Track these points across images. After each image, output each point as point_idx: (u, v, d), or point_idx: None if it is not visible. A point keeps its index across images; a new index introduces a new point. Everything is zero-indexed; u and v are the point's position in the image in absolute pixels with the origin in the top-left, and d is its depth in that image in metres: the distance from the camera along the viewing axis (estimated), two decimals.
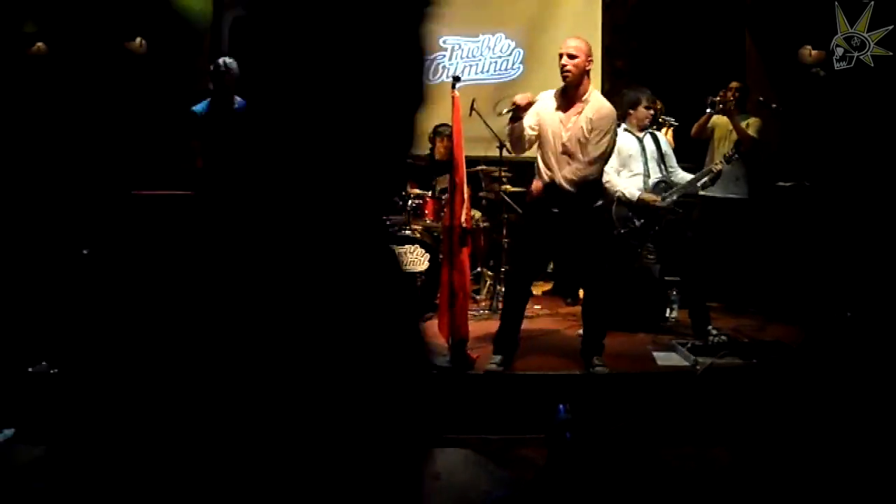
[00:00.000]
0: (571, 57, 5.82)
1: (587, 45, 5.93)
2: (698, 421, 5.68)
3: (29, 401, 5.58)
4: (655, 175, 7.10)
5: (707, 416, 5.70)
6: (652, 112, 7.23)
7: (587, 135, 5.83)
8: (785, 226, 8.31)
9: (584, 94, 5.93)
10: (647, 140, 7.16)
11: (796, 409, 5.68)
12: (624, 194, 6.98)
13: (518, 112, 5.85)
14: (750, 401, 5.75)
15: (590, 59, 5.90)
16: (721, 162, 7.13)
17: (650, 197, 6.93)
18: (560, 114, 5.94)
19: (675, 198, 7.02)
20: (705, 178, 7.13)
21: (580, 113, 5.88)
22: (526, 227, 6.34)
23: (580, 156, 5.85)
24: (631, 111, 7.14)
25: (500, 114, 5.97)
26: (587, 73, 5.90)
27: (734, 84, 8.22)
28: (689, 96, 7.80)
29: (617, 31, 10.37)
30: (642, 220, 6.99)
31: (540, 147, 6.02)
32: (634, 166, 7.10)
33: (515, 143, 6.08)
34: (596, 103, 5.93)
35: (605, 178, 7.00)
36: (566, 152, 5.87)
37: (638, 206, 6.96)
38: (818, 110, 8.11)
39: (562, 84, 5.94)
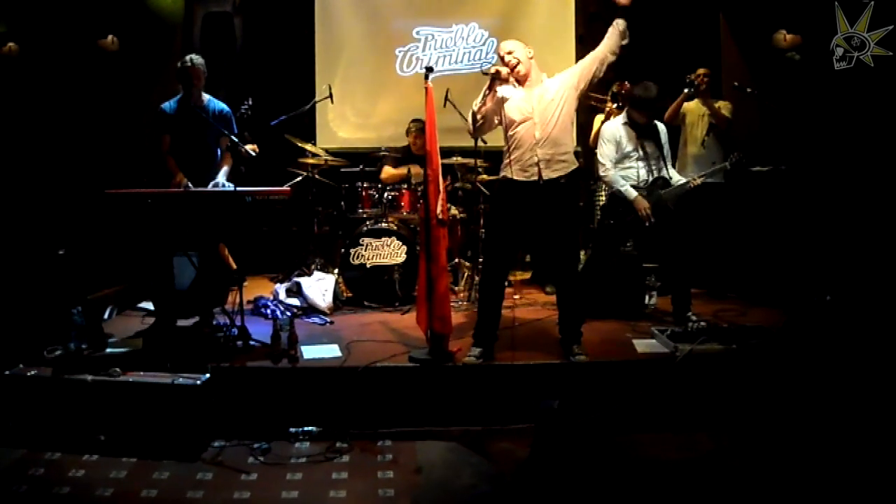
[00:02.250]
0: (510, 53, 5.95)
1: (516, 41, 6.08)
2: (679, 407, 5.70)
3: (7, 404, 5.54)
4: (654, 170, 7.09)
5: (688, 403, 5.72)
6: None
7: (555, 97, 5.92)
8: (762, 210, 8.33)
9: (538, 76, 6.04)
10: (647, 133, 7.13)
11: (777, 394, 5.70)
12: (620, 191, 6.99)
13: (499, 77, 5.88)
14: (730, 386, 5.77)
15: (527, 48, 6.02)
16: (698, 179, 7.10)
17: (643, 204, 6.91)
18: (520, 93, 5.98)
19: (669, 197, 7.00)
20: (686, 188, 7.10)
21: (541, 83, 6.01)
22: (496, 215, 6.32)
23: (558, 131, 5.91)
24: (634, 109, 7.11)
25: (484, 73, 5.96)
26: (531, 58, 6.00)
27: (702, 70, 8.26)
28: (663, 83, 7.77)
29: (591, 19, 10.36)
30: (632, 216, 6.99)
31: (513, 142, 6.01)
32: (630, 160, 7.10)
33: (481, 124, 6.08)
34: (548, 76, 6.08)
35: (602, 170, 7.06)
36: (544, 132, 5.88)
37: (631, 203, 6.96)
38: (793, 94, 8.12)
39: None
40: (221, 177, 6.53)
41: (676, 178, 7.14)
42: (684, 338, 6.21)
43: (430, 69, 6.03)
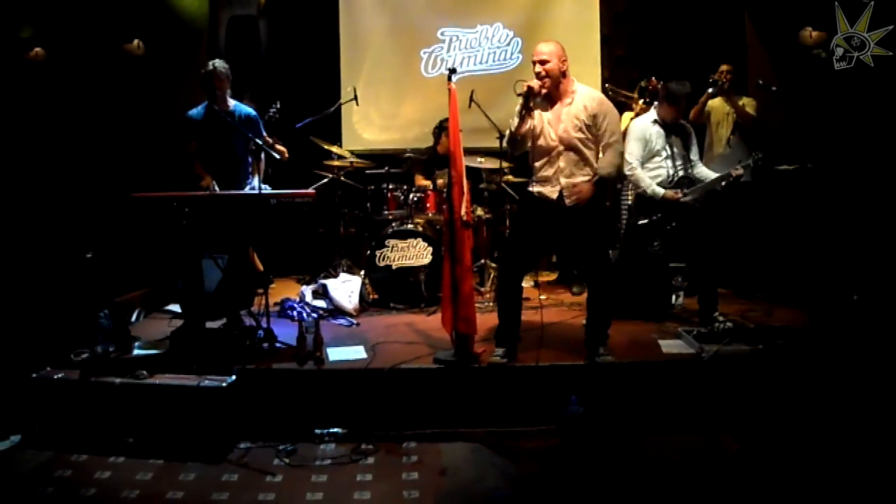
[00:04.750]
0: (543, 62, 5.81)
1: (558, 47, 5.88)
2: (705, 408, 5.66)
3: (34, 407, 5.59)
4: (679, 169, 7.02)
5: (713, 404, 5.68)
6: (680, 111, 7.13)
7: (585, 120, 5.83)
8: (789, 209, 8.27)
9: (569, 89, 5.92)
10: (675, 131, 7.08)
11: (805, 395, 5.66)
12: (646, 192, 6.93)
13: (531, 96, 5.82)
14: (757, 387, 5.73)
15: (563, 60, 5.85)
16: (740, 167, 7.00)
17: (672, 194, 6.85)
18: (548, 115, 5.93)
19: (696, 196, 6.93)
20: (726, 181, 7.01)
21: (571, 104, 5.87)
22: (518, 226, 6.30)
23: (582, 149, 5.85)
24: (668, 104, 7.05)
25: (518, 94, 5.93)
26: (564, 73, 5.87)
27: (724, 67, 8.22)
28: (690, 81, 7.74)
29: (616, 18, 10.33)
30: (659, 216, 6.94)
31: (535, 155, 6.03)
32: (659, 158, 7.04)
33: (519, 142, 6.04)
34: (586, 92, 5.95)
35: (629, 169, 6.97)
36: (567, 146, 5.85)
37: (659, 202, 6.90)
38: (820, 92, 8.06)
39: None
40: (256, 181, 6.56)
41: (708, 175, 7.05)
42: (711, 338, 6.17)
43: (452, 70, 6.00)
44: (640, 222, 7.10)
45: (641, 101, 8.42)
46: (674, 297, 7.59)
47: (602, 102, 5.93)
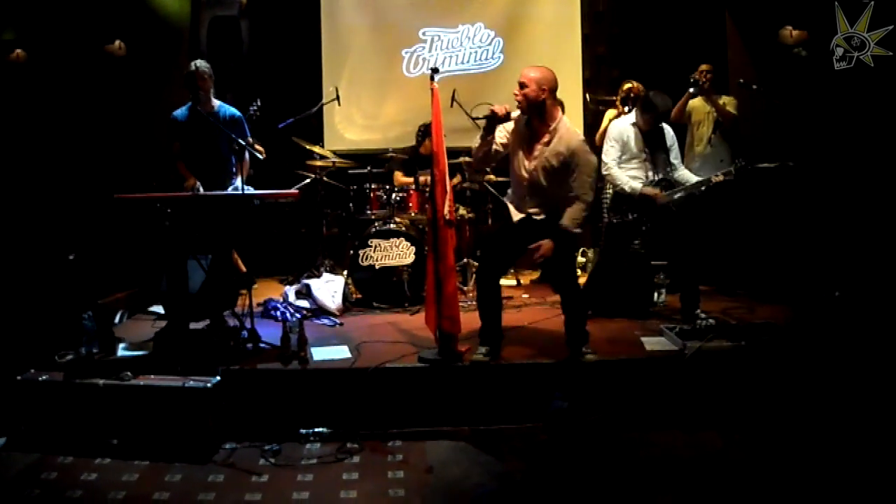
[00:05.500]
0: (521, 86, 5.78)
1: (542, 75, 5.78)
2: (688, 405, 5.70)
3: (19, 409, 5.57)
4: (659, 172, 7.04)
5: (697, 400, 5.72)
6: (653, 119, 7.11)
7: (556, 166, 5.79)
8: (770, 207, 8.31)
9: (550, 123, 5.86)
10: (653, 136, 7.09)
11: (787, 390, 5.70)
12: (624, 189, 6.94)
13: (495, 121, 5.84)
14: (740, 383, 5.77)
15: (543, 89, 5.74)
16: (721, 174, 7.01)
17: (650, 190, 6.88)
18: (524, 143, 5.94)
19: (675, 197, 6.94)
20: (706, 186, 7.02)
21: (547, 144, 5.83)
22: (498, 228, 6.34)
23: (548, 189, 5.87)
24: (645, 112, 7.04)
25: (475, 119, 5.94)
26: (545, 102, 5.79)
27: (704, 67, 8.26)
28: (671, 80, 7.78)
29: (597, 18, 10.38)
30: (636, 214, 6.96)
31: (511, 176, 6.10)
32: (636, 161, 7.05)
33: (481, 160, 6.09)
34: (565, 135, 5.83)
35: (605, 169, 6.98)
36: (532, 183, 5.89)
37: (636, 199, 6.92)
38: (801, 90, 8.11)
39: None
40: (239, 181, 6.56)
41: (689, 178, 7.08)
42: (693, 335, 6.20)
43: (435, 70, 6.01)
44: (617, 221, 7.11)
45: (624, 108, 8.42)
46: (656, 294, 7.64)
47: (576, 153, 5.76)
